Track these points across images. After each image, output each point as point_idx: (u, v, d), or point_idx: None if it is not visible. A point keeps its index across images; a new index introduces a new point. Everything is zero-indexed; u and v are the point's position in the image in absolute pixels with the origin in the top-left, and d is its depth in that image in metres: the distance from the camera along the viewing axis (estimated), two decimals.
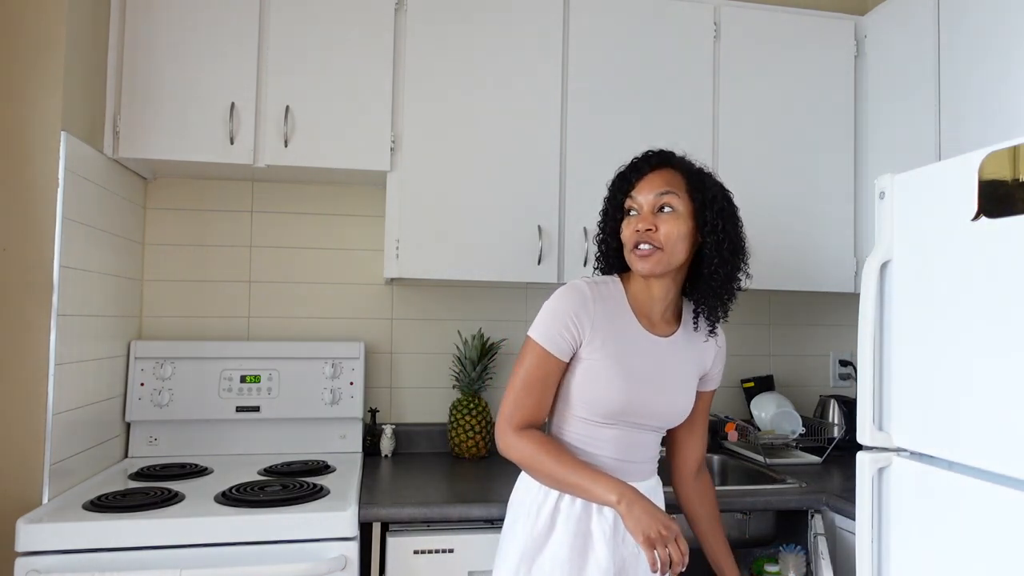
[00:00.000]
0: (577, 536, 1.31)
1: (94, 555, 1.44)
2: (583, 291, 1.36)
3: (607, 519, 1.33)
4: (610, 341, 1.35)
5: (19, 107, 1.60)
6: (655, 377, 1.38)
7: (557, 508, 1.33)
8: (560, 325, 1.34)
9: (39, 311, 1.60)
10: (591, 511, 1.33)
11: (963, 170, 1.28)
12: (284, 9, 1.96)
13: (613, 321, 1.36)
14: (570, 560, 1.30)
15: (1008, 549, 1.16)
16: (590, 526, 1.33)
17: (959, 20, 1.83)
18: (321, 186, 2.30)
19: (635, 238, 1.34)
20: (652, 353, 1.39)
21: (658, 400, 1.38)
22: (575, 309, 1.34)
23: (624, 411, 1.35)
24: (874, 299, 1.45)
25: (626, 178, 1.39)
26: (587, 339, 1.34)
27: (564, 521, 1.32)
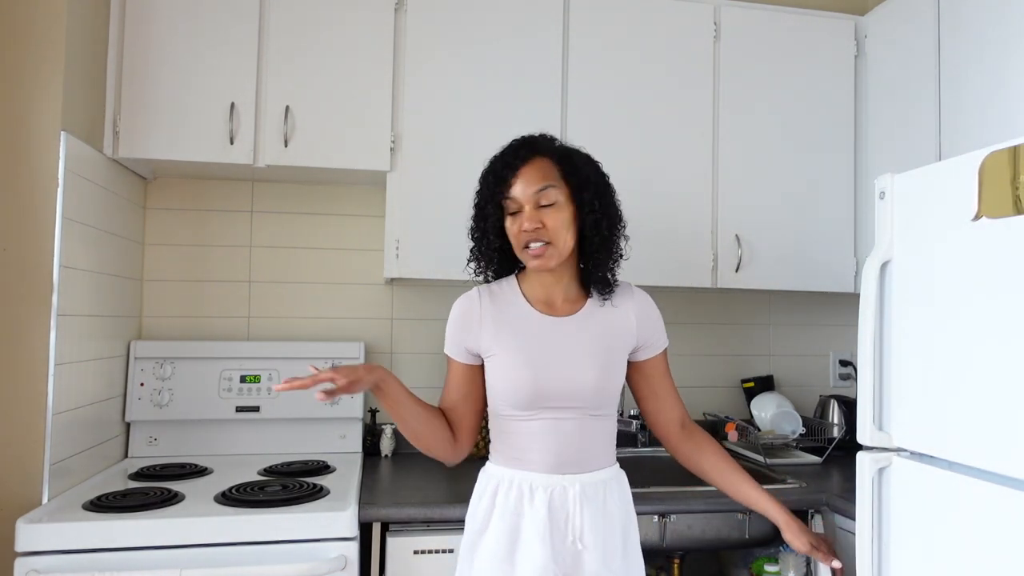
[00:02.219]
0: (507, 532, 1.30)
1: (94, 555, 1.44)
2: (471, 295, 1.41)
3: (540, 513, 1.30)
4: (504, 334, 1.35)
5: (19, 107, 1.60)
6: (558, 357, 1.34)
7: (492, 505, 1.33)
8: (454, 331, 1.39)
9: (39, 311, 1.60)
10: (522, 507, 1.31)
11: (963, 170, 1.28)
12: (284, 9, 1.96)
13: (506, 314, 1.37)
14: (501, 558, 1.29)
15: (1008, 549, 1.16)
16: (521, 522, 1.31)
17: (959, 20, 1.83)
18: (321, 186, 2.30)
19: (524, 238, 1.32)
20: (552, 335, 1.36)
21: (565, 378, 1.33)
22: (463, 313, 1.39)
23: (535, 396, 1.32)
24: (874, 299, 1.45)
25: (500, 176, 1.35)
26: (482, 338, 1.36)
27: (497, 516, 1.32)
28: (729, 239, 2.16)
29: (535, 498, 1.31)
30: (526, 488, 1.32)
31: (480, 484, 1.39)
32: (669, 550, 1.84)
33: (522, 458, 1.34)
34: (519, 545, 1.30)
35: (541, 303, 1.39)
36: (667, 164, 2.14)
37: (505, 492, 1.33)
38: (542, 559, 1.28)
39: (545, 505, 1.30)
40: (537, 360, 1.33)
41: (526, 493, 1.32)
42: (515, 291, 1.40)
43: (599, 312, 1.40)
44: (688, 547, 1.79)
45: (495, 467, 1.37)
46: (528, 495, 1.31)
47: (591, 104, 2.10)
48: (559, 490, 1.32)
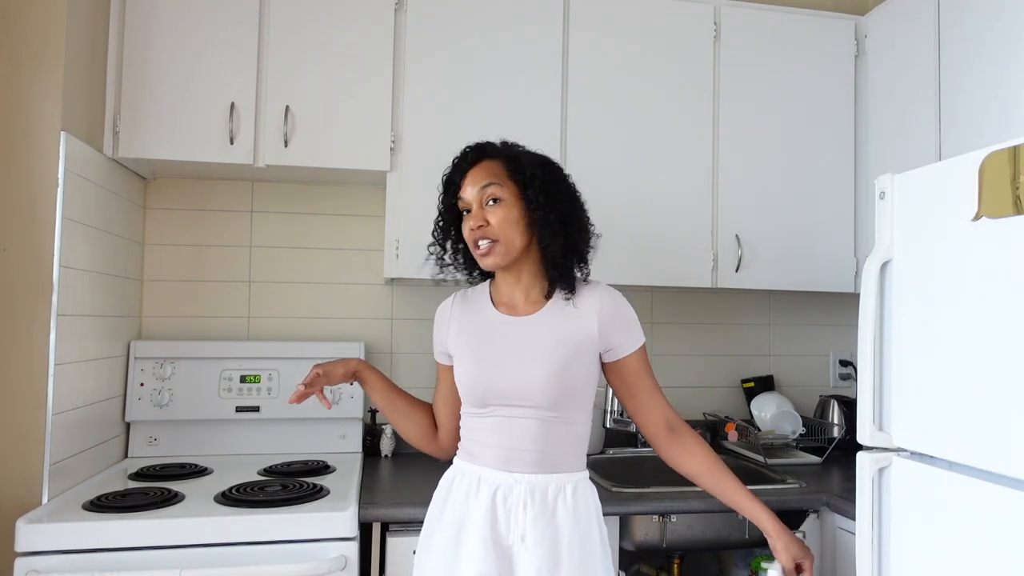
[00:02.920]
0: (454, 523, 1.33)
1: (94, 555, 1.44)
2: (447, 300, 1.49)
3: (481, 506, 1.31)
4: (466, 333, 1.41)
5: (19, 107, 1.60)
6: (509, 356, 1.35)
7: (448, 496, 1.37)
8: (434, 334, 1.49)
9: (39, 311, 1.60)
10: (469, 500, 1.33)
11: (963, 170, 1.28)
12: (284, 9, 1.96)
13: (472, 316, 1.43)
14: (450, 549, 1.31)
15: (1008, 549, 1.16)
16: (466, 515, 1.32)
17: (959, 20, 1.83)
18: (321, 186, 2.30)
19: (472, 237, 1.35)
20: (510, 334, 1.37)
21: (513, 377, 1.33)
22: (438, 318, 1.48)
23: (485, 393, 1.34)
24: (874, 299, 1.45)
25: (452, 180, 1.40)
26: (449, 339, 1.44)
27: (450, 507, 1.35)
28: (729, 239, 2.16)
29: (480, 492, 1.32)
30: (474, 481, 1.34)
31: (443, 478, 1.42)
32: (669, 550, 1.84)
33: (475, 452, 1.37)
34: (463, 537, 1.31)
35: (504, 304, 1.42)
36: (667, 164, 2.14)
37: (458, 485, 1.36)
38: (481, 553, 1.28)
39: (488, 499, 1.31)
40: (488, 359, 1.36)
41: (473, 486, 1.34)
42: (484, 295, 1.45)
43: (560, 312, 1.38)
44: (688, 547, 1.79)
45: (456, 461, 1.42)
46: (475, 488, 1.33)
47: (591, 104, 2.09)
48: (504, 487, 1.31)
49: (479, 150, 1.40)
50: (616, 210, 2.09)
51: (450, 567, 1.30)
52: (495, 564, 1.28)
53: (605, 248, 2.07)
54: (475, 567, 1.27)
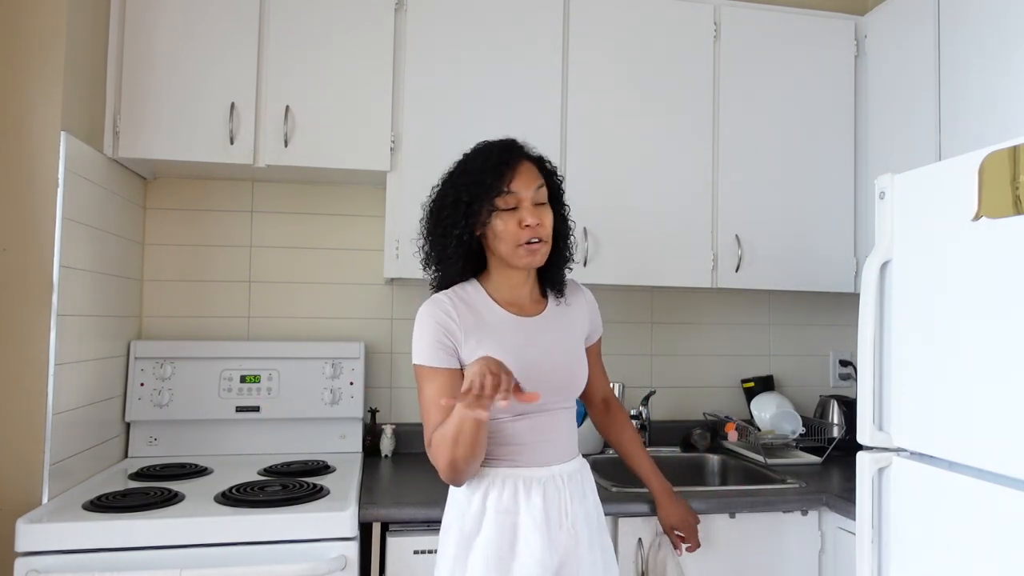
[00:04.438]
0: (504, 532, 1.30)
1: (94, 555, 1.44)
2: (441, 301, 1.38)
3: (536, 506, 1.32)
4: (484, 338, 1.35)
5: (19, 107, 1.60)
6: (541, 356, 1.37)
7: (484, 508, 1.32)
8: (433, 339, 1.35)
9: (39, 311, 1.60)
10: (518, 502, 1.32)
11: (963, 170, 1.28)
12: (284, 9, 1.96)
13: (481, 318, 1.37)
14: (499, 558, 1.29)
15: (1008, 549, 1.16)
16: (517, 519, 1.31)
17: (959, 20, 1.83)
18: (321, 186, 2.30)
19: (525, 235, 1.33)
20: (529, 335, 1.39)
21: (554, 376, 1.38)
22: (440, 319, 1.36)
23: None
24: (874, 299, 1.45)
25: (498, 173, 1.34)
26: (463, 344, 1.35)
27: (491, 518, 1.31)
28: (729, 239, 2.16)
29: (531, 493, 1.33)
30: (521, 485, 1.33)
31: (461, 492, 1.36)
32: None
33: (514, 457, 1.35)
34: (518, 540, 1.31)
35: (510, 305, 1.41)
36: (667, 164, 2.14)
37: (498, 492, 1.33)
38: (540, 552, 1.30)
39: (541, 498, 1.33)
40: (523, 362, 1.34)
41: (521, 489, 1.33)
42: (482, 294, 1.41)
43: (559, 310, 1.47)
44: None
45: (484, 468, 1.35)
46: (524, 491, 1.33)
47: (591, 103, 2.09)
48: (552, 482, 1.35)
49: (520, 149, 1.40)
50: (616, 210, 2.09)
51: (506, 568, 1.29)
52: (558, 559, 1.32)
53: (605, 248, 2.08)
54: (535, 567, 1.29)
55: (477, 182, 1.34)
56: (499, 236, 1.35)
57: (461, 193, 1.35)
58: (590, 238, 2.06)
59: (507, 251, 1.35)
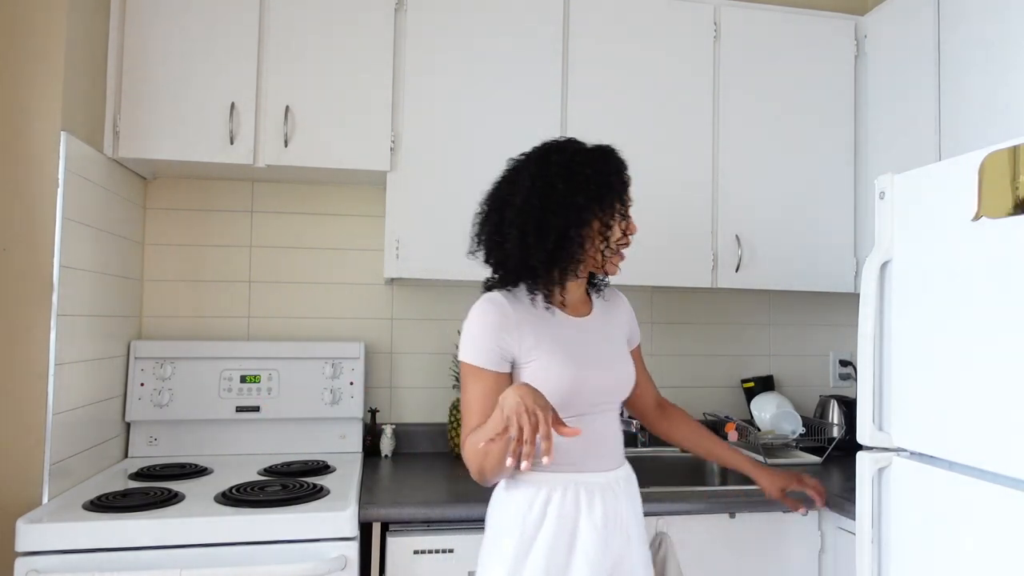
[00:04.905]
0: (563, 536, 1.30)
1: (94, 555, 1.44)
2: (498, 301, 1.35)
3: (597, 512, 1.32)
4: (544, 337, 1.34)
5: (19, 107, 1.60)
6: (596, 356, 1.38)
7: (545, 512, 1.31)
8: (489, 339, 1.32)
9: (39, 311, 1.60)
10: (580, 508, 1.32)
11: (963, 170, 1.28)
12: (284, 9, 1.96)
13: (537, 317, 1.36)
14: (557, 562, 1.29)
15: (1008, 549, 1.16)
16: (578, 524, 1.31)
17: (959, 20, 1.83)
18: (321, 186, 2.30)
19: (625, 242, 1.39)
20: (583, 334, 1.40)
21: (608, 376, 1.39)
22: (497, 320, 1.33)
23: (580, 399, 1.34)
24: (874, 299, 1.45)
25: (624, 180, 1.38)
26: (520, 344, 1.33)
27: (552, 522, 1.30)
28: (729, 239, 2.16)
29: (593, 499, 1.33)
30: (583, 491, 1.33)
31: (520, 494, 1.33)
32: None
33: (573, 461, 1.34)
34: (576, 545, 1.30)
35: (562, 305, 1.41)
36: (667, 164, 2.14)
37: (560, 497, 1.31)
38: (596, 555, 1.30)
39: (602, 503, 1.33)
40: (582, 362, 1.35)
41: (583, 496, 1.32)
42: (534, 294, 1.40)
43: (604, 312, 1.48)
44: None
45: (541, 475, 1.32)
46: (586, 497, 1.32)
47: (591, 104, 2.09)
48: (611, 488, 1.36)
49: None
50: None
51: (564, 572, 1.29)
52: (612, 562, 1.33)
53: None
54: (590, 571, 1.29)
55: (603, 184, 1.34)
56: (605, 239, 1.36)
57: (576, 194, 1.32)
58: None
59: (606, 257, 1.38)
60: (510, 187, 1.38)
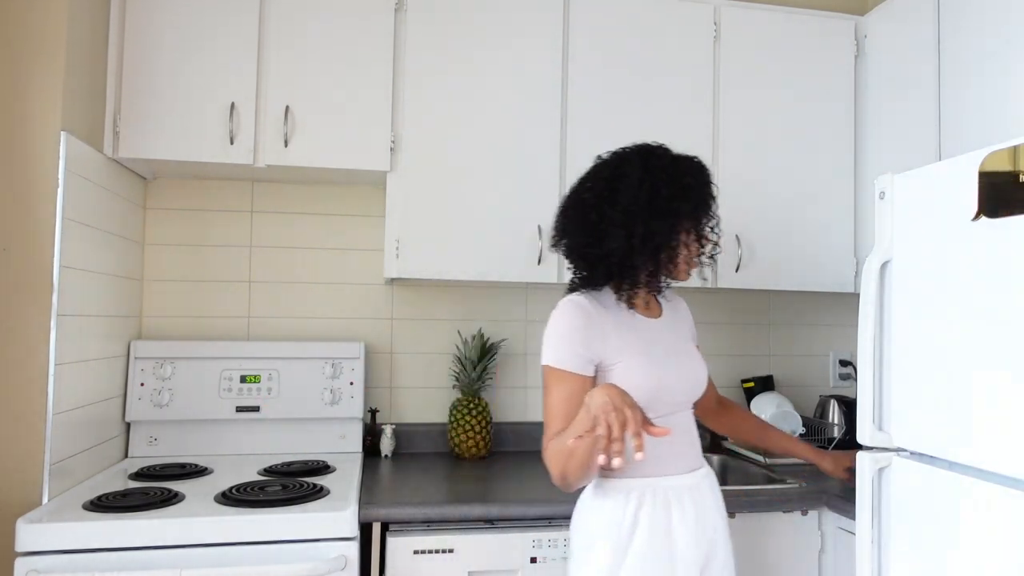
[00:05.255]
0: (655, 540, 1.31)
1: (94, 555, 1.44)
2: (584, 304, 1.36)
3: (689, 515, 1.34)
4: (629, 340, 1.36)
5: (19, 107, 1.60)
6: (675, 357, 1.42)
7: (637, 519, 1.31)
8: (576, 343, 1.32)
9: (39, 311, 1.60)
10: (671, 512, 1.33)
11: (963, 170, 1.28)
12: (284, 9, 1.96)
13: (621, 320, 1.39)
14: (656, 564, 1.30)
15: (1008, 549, 1.16)
16: (671, 528, 1.32)
17: (959, 20, 1.83)
18: (321, 186, 2.30)
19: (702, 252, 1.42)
20: (661, 336, 1.43)
21: (687, 377, 1.42)
22: (583, 323, 1.33)
23: (663, 400, 1.36)
24: (874, 299, 1.45)
25: (714, 194, 1.41)
26: (606, 347, 1.34)
27: (645, 528, 1.31)
28: (729, 239, 2.16)
29: (683, 501, 1.34)
30: (672, 495, 1.34)
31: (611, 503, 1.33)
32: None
33: (661, 465, 1.34)
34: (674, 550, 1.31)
35: (638, 307, 1.44)
36: None
37: (651, 503, 1.32)
38: (692, 558, 1.32)
39: (693, 506, 1.35)
40: (664, 362, 1.37)
41: (673, 500, 1.33)
42: (610, 297, 1.41)
43: (672, 313, 1.52)
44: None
45: (630, 481, 1.33)
46: (676, 501, 1.34)
47: (591, 104, 2.09)
48: (697, 487, 1.38)
49: None
50: None
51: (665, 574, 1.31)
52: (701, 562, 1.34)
53: None
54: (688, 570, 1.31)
55: (702, 194, 1.37)
56: (690, 247, 1.39)
57: (680, 201, 1.34)
58: None
59: (687, 263, 1.41)
60: (609, 186, 1.37)
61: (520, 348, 2.38)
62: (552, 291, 2.41)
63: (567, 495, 1.73)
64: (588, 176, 1.44)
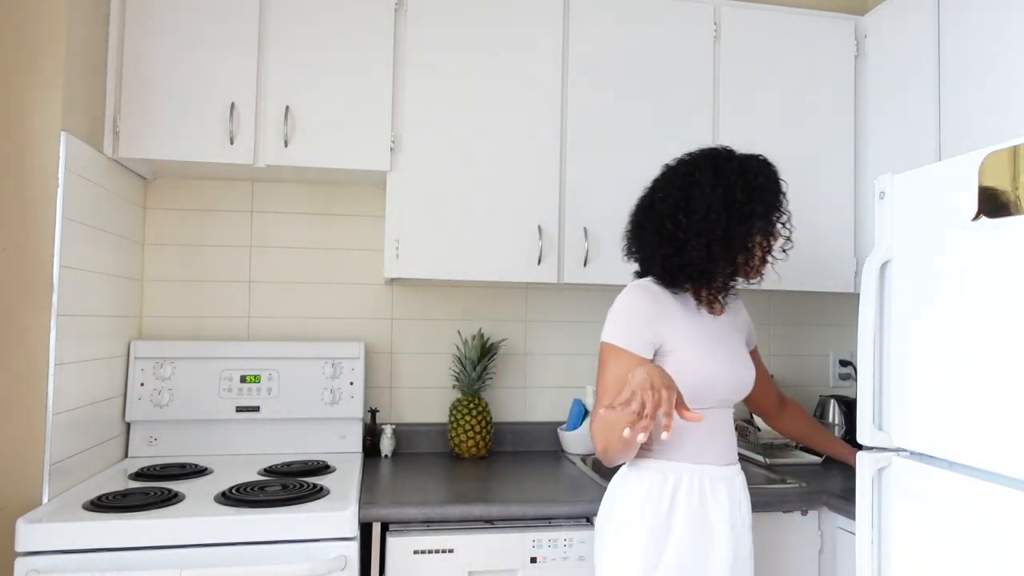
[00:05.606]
0: (695, 528, 1.35)
1: (94, 555, 1.44)
2: (650, 288, 1.41)
3: (723, 504, 1.37)
4: (691, 331, 1.40)
5: (19, 107, 1.60)
6: (729, 354, 1.44)
7: (673, 502, 1.35)
8: (639, 324, 1.37)
9: (39, 311, 1.60)
10: (706, 500, 1.37)
11: (963, 170, 1.28)
12: (284, 9, 1.96)
13: (686, 312, 1.42)
14: (695, 551, 1.34)
15: (1008, 549, 1.16)
16: (708, 516, 1.36)
17: (959, 20, 1.83)
18: (321, 186, 2.30)
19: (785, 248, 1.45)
20: (719, 333, 1.45)
21: (737, 375, 1.44)
22: (652, 307, 1.38)
23: (711, 394, 1.39)
24: (874, 299, 1.45)
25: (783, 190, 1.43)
26: (667, 334, 1.38)
27: (683, 514, 1.35)
28: None
29: (717, 490, 1.38)
30: (708, 483, 1.38)
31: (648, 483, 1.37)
32: None
33: (700, 452, 1.38)
34: (712, 540, 1.35)
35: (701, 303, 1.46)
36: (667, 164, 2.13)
37: (687, 488, 1.36)
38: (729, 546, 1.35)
39: (727, 496, 1.38)
40: (721, 358, 1.40)
41: (708, 487, 1.37)
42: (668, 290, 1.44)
43: (732, 313, 1.54)
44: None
45: (668, 463, 1.38)
46: (711, 489, 1.37)
47: (590, 104, 2.09)
48: (733, 482, 1.41)
49: None
50: (616, 210, 2.09)
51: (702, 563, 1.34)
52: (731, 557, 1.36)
53: (605, 248, 2.08)
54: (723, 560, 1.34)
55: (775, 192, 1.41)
56: (764, 249, 1.42)
57: (755, 202, 1.38)
58: (590, 238, 2.06)
59: (760, 263, 1.43)
60: (682, 195, 1.41)
61: (520, 348, 2.38)
62: (552, 291, 2.41)
63: (567, 495, 1.73)
64: (658, 186, 1.48)
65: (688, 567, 1.33)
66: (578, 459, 2.15)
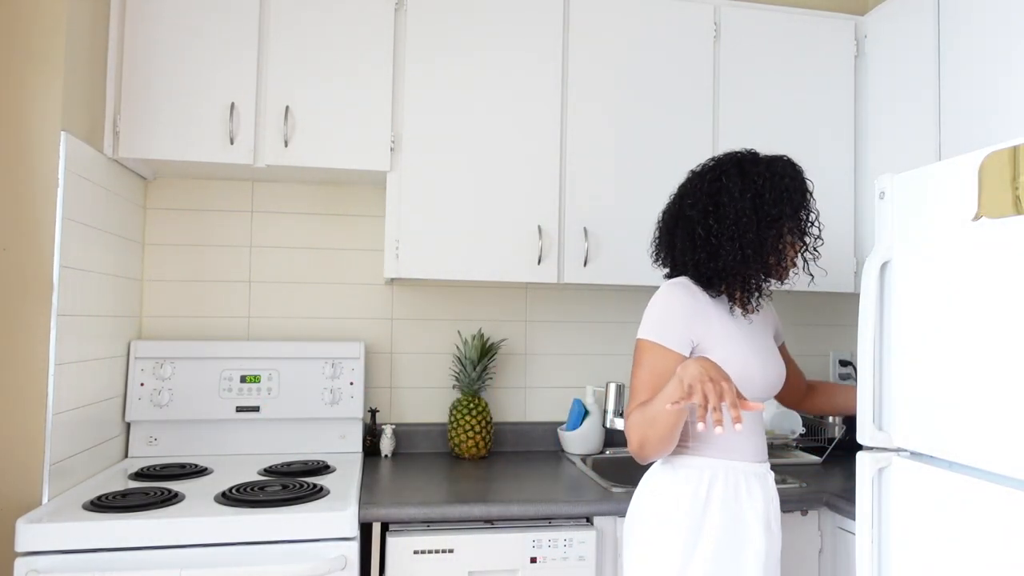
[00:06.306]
0: (729, 525, 1.35)
1: (94, 555, 1.44)
2: (689, 286, 1.43)
3: (757, 500, 1.38)
4: (728, 330, 1.41)
5: (19, 107, 1.60)
6: (763, 353, 1.44)
7: (708, 498, 1.36)
8: (677, 321, 1.38)
9: (39, 311, 1.60)
10: (741, 496, 1.38)
11: (963, 170, 1.28)
12: (284, 9, 1.96)
13: (722, 311, 1.44)
14: (729, 546, 1.35)
15: (1008, 549, 1.16)
16: (742, 513, 1.37)
17: (959, 20, 1.83)
18: (321, 186, 2.30)
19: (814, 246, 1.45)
20: (752, 332, 1.46)
21: (770, 372, 1.45)
22: (690, 304, 1.40)
23: (745, 390, 1.40)
24: (874, 299, 1.45)
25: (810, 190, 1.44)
26: (705, 332, 1.39)
27: (717, 510, 1.35)
28: None
29: (752, 487, 1.39)
30: (742, 479, 1.39)
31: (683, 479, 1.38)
32: None
33: (734, 449, 1.40)
34: (746, 536, 1.36)
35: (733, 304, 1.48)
36: (667, 164, 2.14)
37: (723, 484, 1.37)
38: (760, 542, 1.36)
39: (761, 492, 1.39)
40: (752, 356, 1.41)
41: (742, 483, 1.38)
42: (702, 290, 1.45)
43: (765, 312, 1.56)
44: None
45: (703, 459, 1.39)
46: (744, 484, 1.39)
47: (590, 104, 2.09)
48: (766, 479, 1.42)
49: None
50: (616, 210, 2.09)
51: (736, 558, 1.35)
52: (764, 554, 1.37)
53: (605, 248, 2.08)
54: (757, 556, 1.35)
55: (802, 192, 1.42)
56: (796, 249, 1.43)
57: (783, 204, 1.40)
58: (590, 238, 2.06)
59: (784, 267, 1.44)
60: (712, 200, 1.42)
61: (520, 348, 2.38)
62: (552, 291, 2.41)
63: (567, 495, 1.73)
64: (686, 191, 1.49)
65: (723, 562, 1.34)
66: (578, 459, 2.15)
